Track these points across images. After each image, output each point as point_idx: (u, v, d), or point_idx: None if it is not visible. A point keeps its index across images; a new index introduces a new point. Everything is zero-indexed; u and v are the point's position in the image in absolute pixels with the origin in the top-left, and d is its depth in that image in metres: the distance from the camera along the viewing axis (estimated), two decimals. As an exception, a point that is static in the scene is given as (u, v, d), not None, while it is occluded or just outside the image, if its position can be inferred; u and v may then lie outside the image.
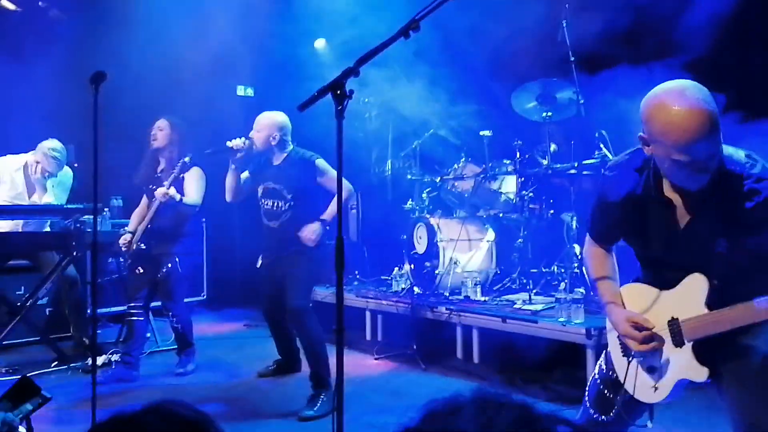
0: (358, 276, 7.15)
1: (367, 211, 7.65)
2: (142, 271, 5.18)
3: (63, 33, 7.09)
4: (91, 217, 3.84)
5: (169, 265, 5.13)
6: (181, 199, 5.02)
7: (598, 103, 5.29)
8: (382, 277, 6.86)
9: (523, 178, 5.95)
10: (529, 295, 5.39)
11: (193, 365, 5.33)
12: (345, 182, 4.60)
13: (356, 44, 5.78)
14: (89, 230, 4.88)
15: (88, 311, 5.86)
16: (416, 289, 5.98)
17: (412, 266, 6.35)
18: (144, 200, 5.33)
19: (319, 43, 8.01)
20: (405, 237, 6.49)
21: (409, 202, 6.67)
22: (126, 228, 5.30)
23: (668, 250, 2.23)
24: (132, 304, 5.15)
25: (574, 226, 5.54)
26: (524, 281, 5.77)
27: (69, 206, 5.19)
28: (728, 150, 2.08)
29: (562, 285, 5.15)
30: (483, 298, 5.65)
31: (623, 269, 2.50)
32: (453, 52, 6.13)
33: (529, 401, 0.92)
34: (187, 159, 5.05)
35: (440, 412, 0.91)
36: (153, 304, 5.32)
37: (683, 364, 2.16)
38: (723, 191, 2.07)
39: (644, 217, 2.25)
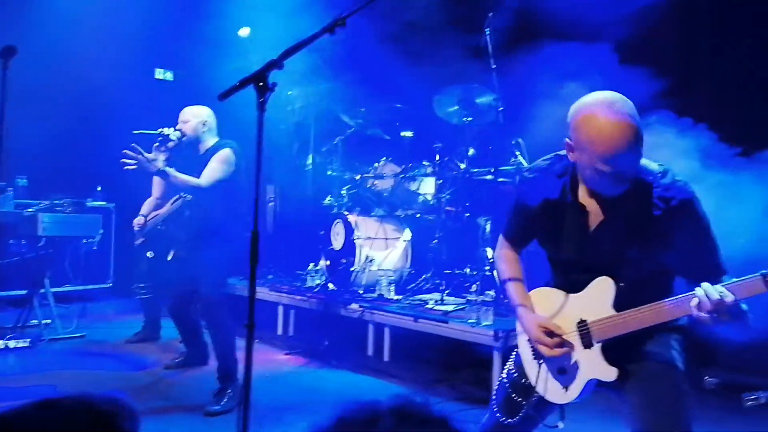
0: (272, 270, 7.07)
1: (284, 204, 7.58)
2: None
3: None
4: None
5: None
6: None
7: (516, 110, 5.40)
8: (297, 272, 6.80)
9: (441, 181, 6.03)
10: (441, 296, 5.46)
11: None
12: None
13: (282, 34, 5.72)
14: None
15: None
16: (331, 286, 5.96)
17: (328, 262, 6.34)
18: None
19: (244, 32, 7.87)
20: (322, 233, 6.47)
21: (328, 197, 6.64)
22: None
23: (578, 252, 2.31)
24: None
25: (488, 230, 5.65)
26: (437, 282, 5.85)
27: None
28: (643, 160, 2.18)
29: (474, 287, 5.24)
30: (396, 297, 5.69)
31: (533, 275, 2.57)
32: (379, 52, 6.13)
33: (451, 418, 0.90)
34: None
35: (355, 420, 0.88)
36: (56, 290, 5.12)
37: (592, 365, 2.24)
38: (634, 198, 2.16)
39: (558, 220, 2.33)
